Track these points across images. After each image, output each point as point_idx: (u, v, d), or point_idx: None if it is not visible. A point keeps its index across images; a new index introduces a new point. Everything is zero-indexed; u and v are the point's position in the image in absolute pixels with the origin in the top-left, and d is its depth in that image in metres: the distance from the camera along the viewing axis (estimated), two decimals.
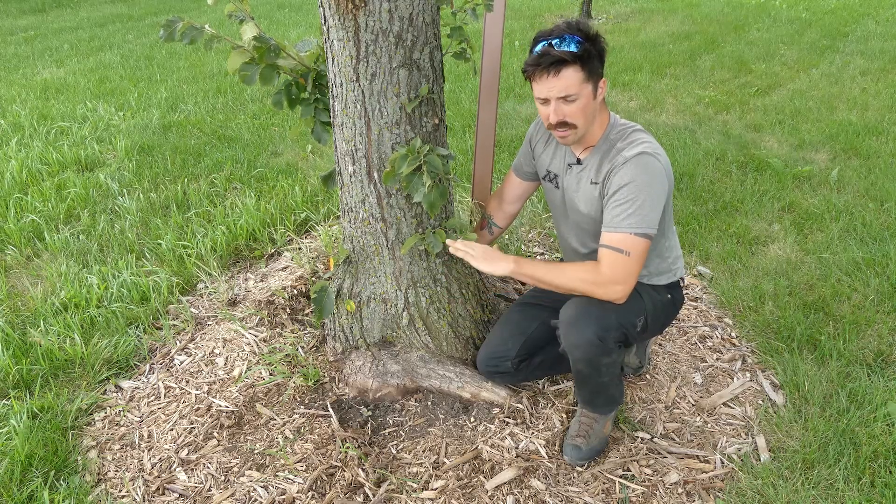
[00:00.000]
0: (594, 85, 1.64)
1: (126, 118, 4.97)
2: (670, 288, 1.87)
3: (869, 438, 1.82)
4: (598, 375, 1.77)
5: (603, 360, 1.72)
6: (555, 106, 1.63)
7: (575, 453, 1.82)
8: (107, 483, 1.82)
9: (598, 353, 1.70)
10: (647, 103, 5.07)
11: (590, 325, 1.67)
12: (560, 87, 1.60)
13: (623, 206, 1.60)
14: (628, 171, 1.61)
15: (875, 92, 5.06)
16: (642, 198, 1.59)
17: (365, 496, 1.74)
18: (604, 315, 1.68)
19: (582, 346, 1.69)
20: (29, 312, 2.54)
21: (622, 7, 9.51)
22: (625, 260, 1.61)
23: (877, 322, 2.33)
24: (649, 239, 1.61)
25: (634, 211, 1.59)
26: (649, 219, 1.60)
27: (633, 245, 1.60)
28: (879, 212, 3.13)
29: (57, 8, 11.95)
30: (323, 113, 2.06)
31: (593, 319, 1.67)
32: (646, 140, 1.67)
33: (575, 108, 1.63)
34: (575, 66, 1.58)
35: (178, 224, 3.19)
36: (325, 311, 2.09)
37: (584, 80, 1.61)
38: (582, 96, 1.62)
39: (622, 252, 1.60)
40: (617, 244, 1.61)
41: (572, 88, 1.60)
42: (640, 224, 1.59)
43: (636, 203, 1.59)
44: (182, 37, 1.84)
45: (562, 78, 1.59)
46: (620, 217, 1.60)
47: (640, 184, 1.59)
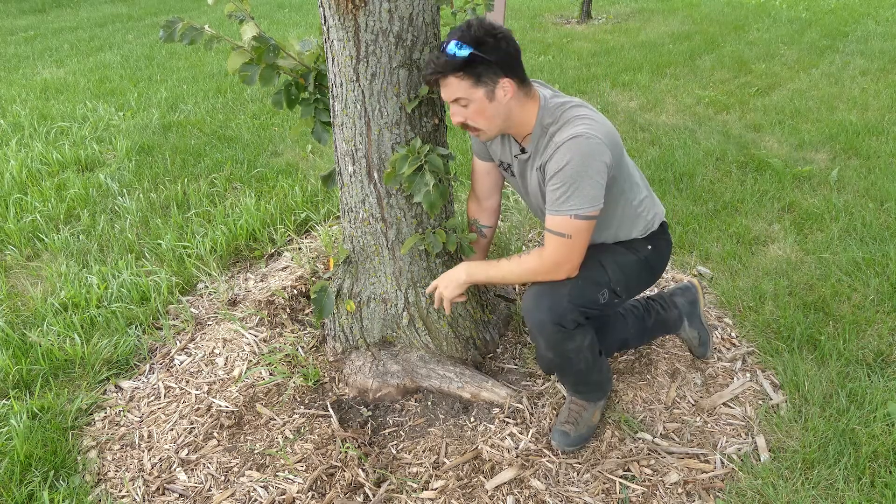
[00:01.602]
0: (488, 88, 1.60)
1: (126, 118, 4.97)
2: (650, 238, 1.86)
3: (869, 438, 1.82)
4: (569, 363, 1.78)
5: (568, 346, 1.74)
6: (453, 108, 1.65)
7: (563, 439, 1.84)
8: (107, 483, 1.82)
9: (560, 340, 1.71)
10: (647, 103, 5.07)
11: (542, 312, 1.69)
12: (447, 94, 1.63)
13: (560, 189, 1.61)
14: (562, 155, 1.60)
15: (875, 92, 5.06)
16: (578, 180, 1.59)
17: (365, 496, 1.74)
18: (556, 300, 1.69)
19: (542, 335, 1.72)
20: (29, 312, 2.54)
21: (622, 7, 9.51)
22: (567, 243, 1.63)
23: (877, 322, 2.33)
24: (591, 219, 1.63)
25: (572, 194, 1.60)
26: (590, 197, 1.60)
27: (573, 228, 1.62)
28: (879, 212, 3.13)
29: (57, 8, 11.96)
30: (323, 113, 2.06)
31: (546, 307, 1.69)
32: (578, 116, 1.65)
33: (471, 111, 1.63)
34: (456, 75, 1.58)
35: (178, 224, 3.19)
36: (325, 311, 2.09)
37: (472, 85, 1.59)
38: (473, 101, 1.61)
39: (563, 236, 1.63)
40: (558, 228, 1.63)
41: (459, 93, 1.61)
42: (580, 205, 1.60)
43: (573, 186, 1.59)
44: (182, 37, 1.84)
45: (446, 86, 1.61)
46: (560, 201, 1.61)
47: (575, 165, 1.58)
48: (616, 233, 1.82)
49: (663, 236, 1.90)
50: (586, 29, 8.07)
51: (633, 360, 2.20)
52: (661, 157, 3.87)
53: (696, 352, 2.20)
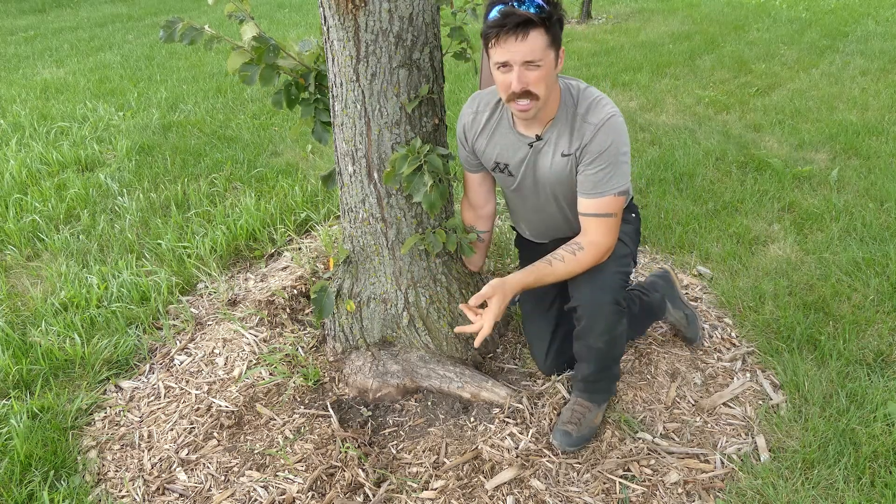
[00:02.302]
0: (556, 52, 1.56)
1: (126, 118, 4.97)
2: (631, 207, 1.96)
3: (869, 438, 1.82)
4: (613, 349, 1.81)
5: (619, 328, 1.78)
6: (518, 72, 1.53)
7: (565, 439, 1.84)
8: (107, 483, 1.82)
9: (616, 320, 1.75)
10: (647, 103, 5.07)
11: (606, 293, 1.73)
12: (525, 51, 1.50)
13: (605, 169, 1.64)
14: (605, 135, 1.63)
15: (875, 92, 5.06)
16: (620, 157, 1.64)
17: (365, 496, 1.74)
18: (612, 281, 1.74)
19: (604, 317, 1.74)
20: (29, 312, 2.54)
21: (622, 7, 9.51)
22: (612, 222, 1.68)
23: (877, 322, 2.33)
24: (626, 194, 1.69)
25: (615, 172, 1.64)
26: (626, 174, 1.68)
27: (616, 205, 1.67)
28: (879, 212, 3.13)
29: (57, 8, 11.96)
30: (323, 113, 2.06)
31: (609, 289, 1.73)
32: (599, 97, 1.68)
33: (538, 75, 1.54)
34: (541, 28, 1.50)
35: (178, 224, 3.19)
36: (325, 311, 2.09)
37: (548, 45, 1.53)
38: (545, 63, 1.54)
39: (610, 216, 1.67)
40: (604, 209, 1.66)
41: (537, 53, 1.51)
42: (620, 183, 1.66)
43: (616, 165, 1.64)
44: (182, 37, 1.84)
45: (528, 41, 1.49)
46: (605, 181, 1.65)
47: (619, 145, 1.64)
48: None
49: (633, 205, 2.00)
50: (586, 29, 8.07)
51: (632, 359, 2.20)
52: (661, 157, 3.87)
53: (686, 333, 2.21)
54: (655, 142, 4.21)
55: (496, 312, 1.66)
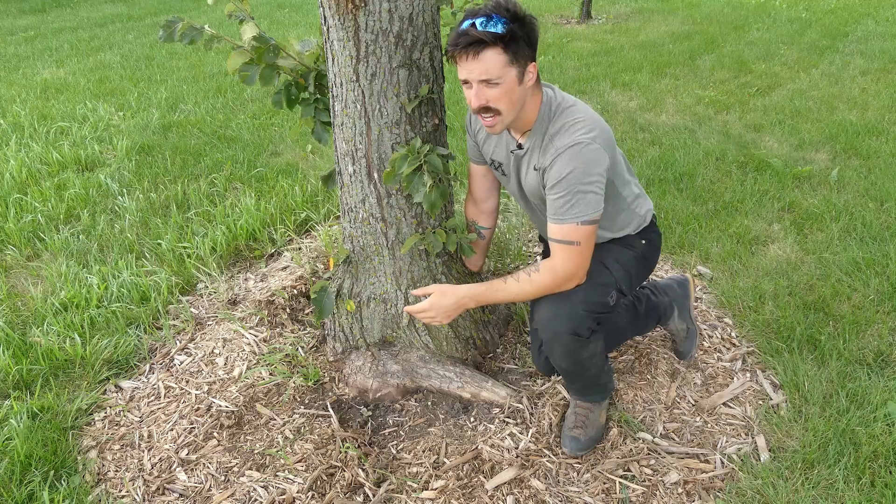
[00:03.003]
0: (520, 69, 1.54)
1: (126, 118, 4.97)
2: (643, 233, 1.86)
3: (869, 438, 1.82)
4: (583, 370, 1.78)
5: (583, 355, 1.73)
6: (476, 89, 1.54)
7: (574, 444, 1.83)
8: (107, 483, 1.82)
9: (576, 349, 1.71)
10: (647, 103, 5.07)
11: (561, 323, 1.68)
12: (480, 70, 1.50)
13: (565, 197, 1.58)
14: (564, 163, 1.58)
15: (875, 92, 5.06)
16: (582, 188, 1.57)
17: (365, 496, 1.74)
18: (573, 309, 1.68)
19: (559, 346, 1.71)
20: (29, 312, 2.54)
21: (622, 7, 9.51)
22: (577, 250, 1.62)
23: (877, 322, 2.33)
24: (596, 223, 1.62)
25: (576, 202, 1.57)
26: (593, 204, 1.59)
27: (581, 234, 1.60)
28: (879, 212, 3.13)
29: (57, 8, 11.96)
30: (323, 113, 2.06)
31: (565, 317, 1.68)
32: (576, 121, 1.61)
33: (497, 92, 1.53)
34: (496, 48, 1.48)
35: (178, 224, 3.19)
36: (325, 311, 2.09)
37: (508, 63, 1.51)
38: (505, 80, 1.52)
39: (573, 244, 1.61)
40: (566, 236, 1.61)
41: (494, 72, 1.50)
42: (585, 212, 1.58)
43: (577, 194, 1.57)
44: (182, 37, 1.84)
45: (482, 60, 1.49)
46: (564, 209, 1.59)
47: (578, 174, 1.56)
48: (612, 231, 1.83)
49: (654, 229, 1.91)
50: (586, 29, 8.07)
51: (632, 360, 2.20)
52: (661, 157, 3.86)
53: (681, 346, 2.19)
54: (655, 142, 4.21)
55: (426, 306, 1.73)
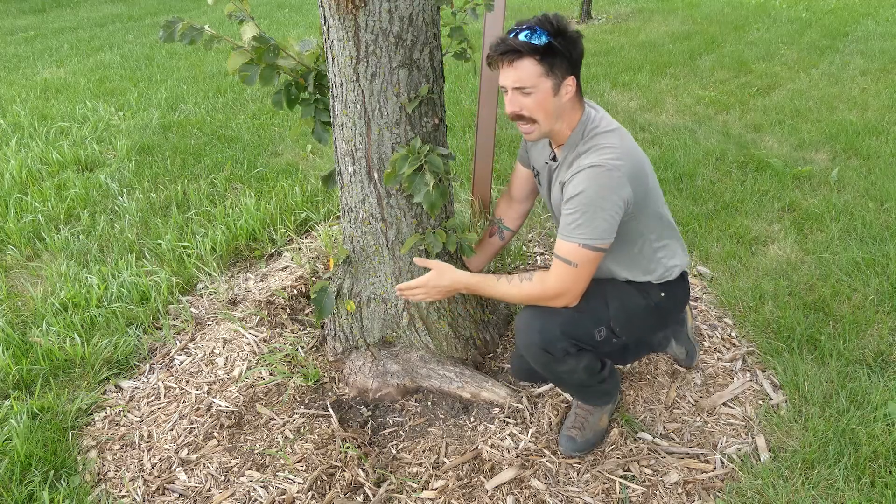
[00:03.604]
0: (556, 82, 1.57)
1: (126, 118, 4.97)
2: (665, 286, 1.81)
3: (869, 438, 1.82)
4: (560, 379, 1.78)
5: (558, 368, 1.72)
6: (511, 96, 1.60)
7: (570, 444, 1.83)
8: (107, 483, 1.82)
9: (548, 362, 1.70)
10: (647, 103, 5.07)
11: (532, 335, 1.67)
12: (514, 78, 1.56)
13: (574, 215, 1.58)
14: (580, 181, 1.57)
15: (875, 92, 5.06)
16: (592, 210, 1.55)
17: (365, 496, 1.74)
18: (547, 326, 1.67)
19: (529, 354, 1.71)
20: (29, 312, 2.54)
21: (622, 7, 9.51)
22: (572, 272, 1.60)
23: (877, 322, 2.33)
24: (600, 251, 1.59)
25: (584, 222, 1.56)
26: (600, 230, 1.56)
27: (580, 257, 1.58)
28: (879, 212, 3.13)
29: (57, 8, 11.96)
30: (323, 113, 2.06)
31: (536, 330, 1.67)
32: (608, 146, 1.61)
33: (531, 101, 1.58)
34: (532, 58, 1.53)
35: (178, 224, 3.19)
36: (325, 311, 2.09)
37: (543, 74, 1.55)
38: (539, 91, 1.57)
39: (570, 263, 1.59)
40: (566, 255, 1.60)
41: (528, 80, 1.55)
42: (590, 236, 1.57)
43: (586, 215, 1.56)
44: (182, 37, 1.84)
45: (517, 68, 1.55)
46: (571, 227, 1.58)
47: (591, 195, 1.55)
48: (629, 272, 1.79)
49: (681, 285, 1.85)
50: (586, 29, 8.07)
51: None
52: (661, 157, 3.87)
53: (682, 363, 2.18)
54: (655, 142, 4.21)
55: (422, 282, 1.77)
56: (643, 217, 1.69)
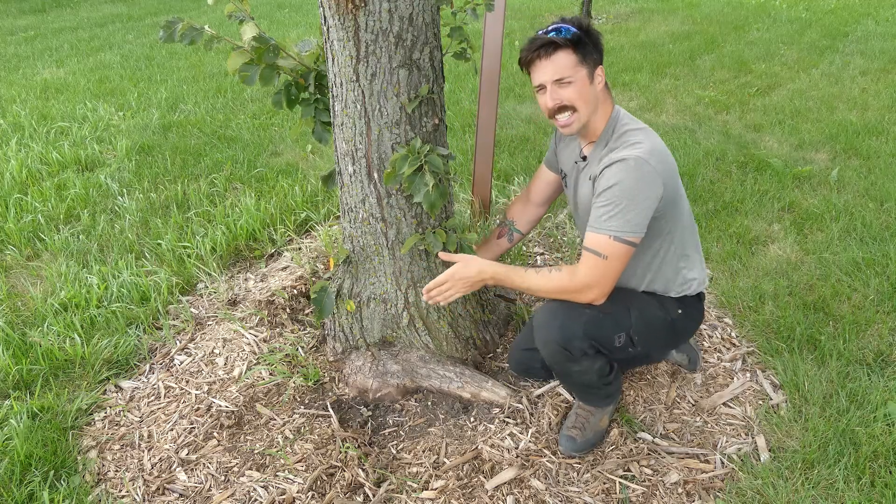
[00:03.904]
0: (590, 70, 1.65)
1: (126, 118, 4.97)
2: (681, 303, 1.82)
3: (869, 438, 1.82)
4: (570, 378, 1.78)
5: (572, 367, 1.72)
6: (550, 90, 1.65)
7: (569, 444, 1.83)
8: (107, 483, 1.82)
9: (563, 359, 1.70)
10: (647, 103, 5.07)
11: (553, 332, 1.67)
12: (553, 70, 1.62)
13: (606, 207, 1.59)
14: (613, 173, 1.59)
15: (875, 92, 5.06)
16: (626, 202, 1.57)
17: (365, 496, 1.74)
18: (569, 324, 1.67)
19: (547, 349, 1.71)
20: (29, 312, 2.54)
21: (622, 7, 9.51)
22: (603, 264, 1.60)
23: (877, 322, 2.33)
24: (631, 245, 1.59)
25: (616, 214, 1.57)
26: (632, 223, 1.58)
27: (612, 249, 1.59)
28: (879, 212, 3.13)
29: (57, 8, 11.95)
30: (323, 113, 2.06)
31: (557, 327, 1.67)
32: (639, 141, 1.64)
33: (571, 91, 1.64)
34: (566, 49, 1.61)
35: (178, 224, 3.19)
36: (325, 311, 2.09)
37: (578, 63, 1.63)
38: (577, 79, 1.63)
39: (600, 255, 1.60)
40: (596, 246, 1.60)
41: (566, 70, 1.62)
42: (622, 228, 1.57)
43: (619, 206, 1.57)
44: (182, 38, 1.84)
45: (554, 60, 1.62)
46: (603, 219, 1.59)
47: (626, 187, 1.57)
48: (650, 281, 1.80)
49: (697, 305, 1.87)
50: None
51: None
52: None
53: (685, 369, 2.18)
54: None
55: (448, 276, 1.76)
56: (670, 219, 1.71)
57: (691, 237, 1.82)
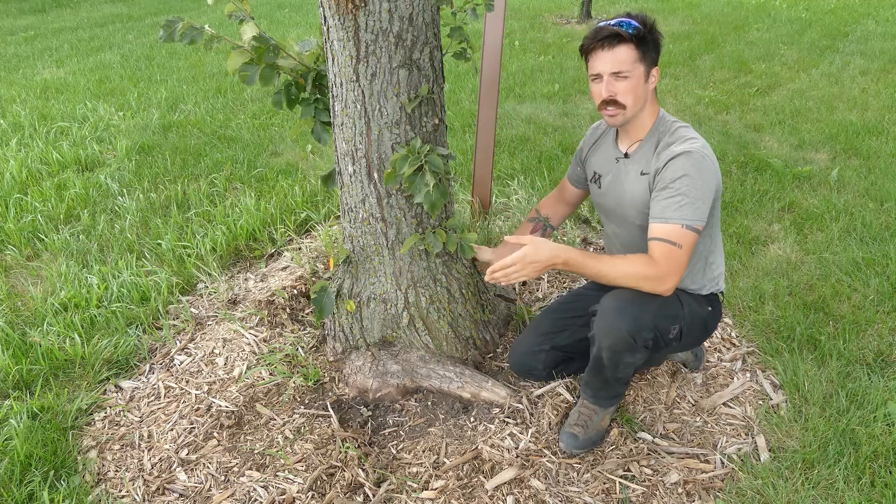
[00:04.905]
0: (647, 69, 1.69)
1: (126, 118, 4.97)
2: (710, 300, 1.87)
3: (869, 438, 1.82)
4: (615, 369, 1.77)
5: (626, 358, 1.73)
6: (607, 81, 1.68)
7: (571, 441, 1.83)
8: (107, 483, 1.82)
9: (624, 349, 1.70)
10: None
11: (626, 320, 1.67)
12: (613, 62, 1.65)
13: (675, 198, 1.62)
14: (681, 164, 1.63)
15: (875, 92, 5.06)
16: (694, 192, 1.61)
17: (365, 496, 1.74)
18: (642, 314, 1.68)
19: (612, 337, 1.70)
20: (29, 312, 2.54)
21: (622, 7, 9.51)
22: (677, 252, 1.62)
23: (877, 322, 2.33)
24: (698, 233, 1.63)
25: (686, 203, 1.61)
26: (700, 212, 1.62)
27: (684, 237, 1.61)
28: (879, 212, 3.13)
29: (57, 8, 11.95)
30: (323, 113, 2.06)
31: (630, 316, 1.67)
32: (695, 137, 1.70)
33: (626, 86, 1.67)
34: (630, 44, 1.64)
35: (178, 224, 3.19)
36: (325, 311, 2.09)
37: (638, 59, 1.66)
38: (633, 75, 1.67)
39: (675, 244, 1.61)
40: (669, 236, 1.61)
41: (625, 65, 1.65)
42: (692, 216, 1.61)
43: (688, 196, 1.61)
44: (182, 37, 1.84)
45: (615, 53, 1.65)
46: (672, 209, 1.62)
47: (694, 179, 1.62)
48: (687, 273, 1.81)
49: (719, 305, 1.91)
50: (586, 29, 8.07)
51: None
52: None
53: (689, 366, 2.19)
54: None
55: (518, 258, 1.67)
56: (712, 214, 1.75)
57: (718, 233, 1.87)
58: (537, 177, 3.52)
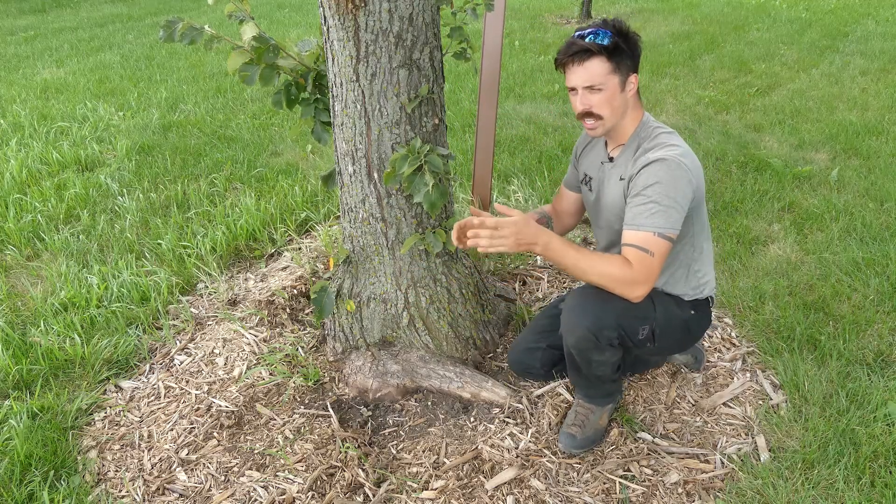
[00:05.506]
0: (622, 78, 1.67)
1: (126, 118, 4.97)
2: (694, 304, 1.85)
3: (869, 438, 1.82)
4: (588, 367, 1.77)
5: (594, 356, 1.73)
6: (581, 95, 1.68)
7: (569, 441, 1.83)
8: (107, 483, 1.82)
9: (588, 347, 1.70)
10: (647, 103, 5.07)
11: (586, 318, 1.67)
12: (585, 77, 1.65)
13: (647, 205, 1.61)
14: (654, 171, 1.62)
15: (875, 92, 5.06)
16: (666, 200, 1.60)
17: (365, 496, 1.74)
18: (603, 313, 1.67)
19: (574, 335, 1.70)
20: (29, 312, 2.54)
21: (622, 7, 9.51)
22: (649, 260, 1.60)
23: (877, 322, 2.33)
24: (671, 241, 1.61)
25: (658, 211, 1.60)
26: (672, 220, 1.60)
27: (655, 245, 1.60)
28: (879, 212, 3.13)
29: (57, 8, 11.95)
30: (323, 113, 2.06)
31: (590, 313, 1.67)
32: (675, 144, 1.69)
33: (600, 98, 1.66)
34: (601, 57, 1.63)
35: (178, 224, 3.19)
36: (325, 311, 2.09)
37: (611, 71, 1.64)
38: (607, 87, 1.66)
39: (647, 252, 1.60)
40: (641, 243, 1.61)
41: (597, 79, 1.64)
42: (664, 224, 1.60)
43: (660, 204, 1.60)
44: (182, 37, 1.84)
45: (587, 68, 1.64)
46: (644, 216, 1.61)
47: (667, 186, 1.60)
48: (667, 280, 1.81)
49: (707, 309, 1.89)
50: None
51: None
52: None
53: (690, 367, 2.19)
54: None
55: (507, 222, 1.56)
56: (693, 222, 1.75)
57: (707, 242, 1.85)
58: (537, 177, 3.52)
